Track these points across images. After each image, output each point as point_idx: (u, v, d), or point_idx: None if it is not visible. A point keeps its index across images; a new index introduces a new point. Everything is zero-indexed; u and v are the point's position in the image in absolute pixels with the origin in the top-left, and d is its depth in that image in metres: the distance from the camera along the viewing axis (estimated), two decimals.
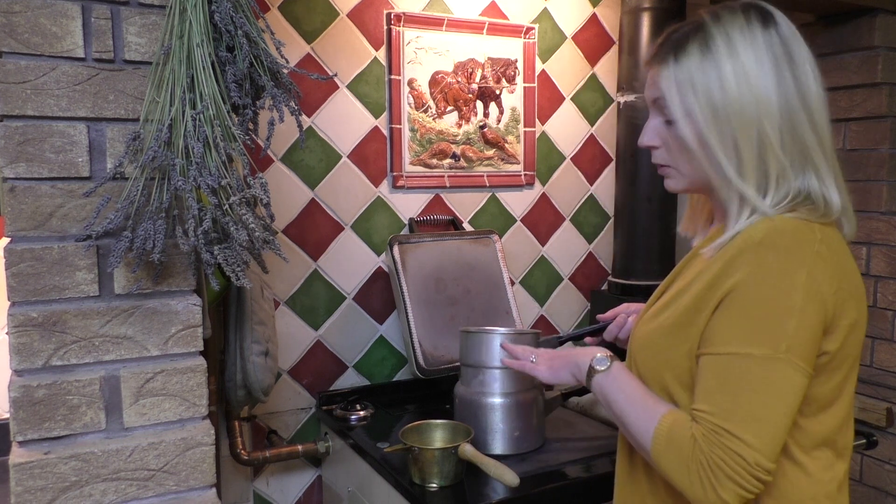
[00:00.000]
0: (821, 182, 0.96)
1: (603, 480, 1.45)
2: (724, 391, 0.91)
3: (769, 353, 0.89)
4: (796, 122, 0.95)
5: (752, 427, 0.88)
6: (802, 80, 0.96)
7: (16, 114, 0.94)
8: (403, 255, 1.89)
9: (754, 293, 0.90)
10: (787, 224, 0.93)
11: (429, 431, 1.52)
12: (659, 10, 2.04)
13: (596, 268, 2.33)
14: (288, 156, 1.83)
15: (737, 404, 0.89)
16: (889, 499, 2.28)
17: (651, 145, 1.06)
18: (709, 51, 0.96)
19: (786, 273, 0.90)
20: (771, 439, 0.89)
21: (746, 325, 0.90)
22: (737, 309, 0.91)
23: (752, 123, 0.94)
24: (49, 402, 0.96)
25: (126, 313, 1.01)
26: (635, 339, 1.09)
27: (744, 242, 0.93)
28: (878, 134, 2.21)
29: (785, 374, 0.89)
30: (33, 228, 0.96)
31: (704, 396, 0.92)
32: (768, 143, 0.94)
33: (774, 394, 0.89)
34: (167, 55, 0.96)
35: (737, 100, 0.94)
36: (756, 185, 0.95)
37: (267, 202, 0.99)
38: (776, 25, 0.97)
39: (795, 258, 0.91)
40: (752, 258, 0.91)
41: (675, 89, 0.98)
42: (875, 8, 2.15)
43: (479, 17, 2.03)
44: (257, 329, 1.55)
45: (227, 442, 1.73)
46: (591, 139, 2.27)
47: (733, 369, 0.90)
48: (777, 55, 0.95)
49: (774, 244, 0.91)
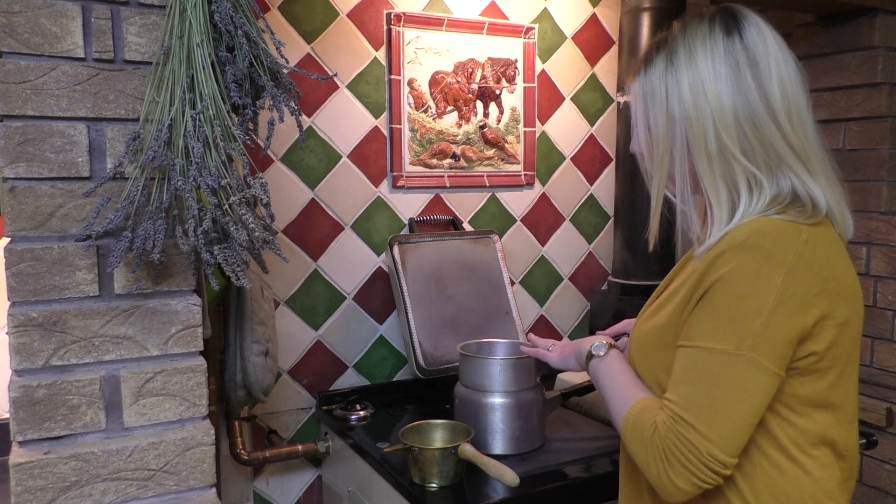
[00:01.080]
0: (801, 182, 0.97)
1: (603, 480, 1.45)
2: (687, 382, 0.94)
3: (731, 350, 0.91)
4: (760, 126, 0.96)
5: (707, 418, 0.91)
6: (766, 84, 0.97)
7: (16, 114, 0.94)
8: (403, 255, 1.89)
9: (729, 291, 0.93)
10: (770, 225, 0.94)
11: (429, 431, 1.52)
12: (659, 10, 2.04)
13: (596, 268, 2.33)
14: (288, 156, 1.83)
15: (696, 395, 0.93)
16: (889, 499, 2.28)
17: (634, 152, 1.11)
18: (671, 63, 1.00)
19: (762, 274, 0.92)
20: (728, 433, 0.91)
21: (715, 321, 0.93)
22: (710, 305, 0.94)
23: (708, 132, 0.97)
24: (49, 402, 0.96)
25: (126, 313, 1.01)
26: (634, 338, 1.12)
27: (728, 243, 0.94)
28: (878, 134, 2.21)
29: (745, 372, 0.91)
30: (33, 228, 0.96)
31: (672, 386, 0.96)
32: (727, 150, 0.97)
33: (733, 389, 0.91)
34: (167, 55, 0.96)
35: (692, 109, 0.98)
36: (727, 190, 0.98)
37: (267, 202, 0.99)
38: (741, 31, 0.99)
39: (775, 259, 0.92)
40: (732, 257, 0.93)
41: (641, 100, 1.04)
42: (875, 8, 2.15)
43: (479, 17, 2.03)
44: (257, 329, 1.55)
45: (227, 442, 1.73)
46: (591, 139, 2.27)
47: (698, 362, 0.94)
48: (739, 61, 0.97)
49: (756, 245, 0.93)
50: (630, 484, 1.13)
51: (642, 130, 1.05)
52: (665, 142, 1.01)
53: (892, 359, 2.25)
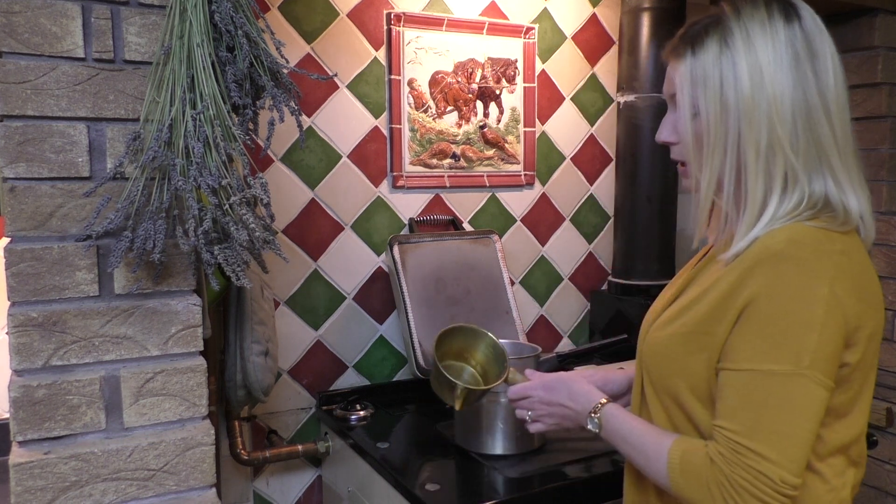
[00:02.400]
0: (837, 186, 0.93)
1: (603, 480, 1.45)
2: (747, 409, 0.88)
3: (791, 370, 0.87)
4: (814, 120, 0.92)
5: (777, 444, 0.86)
6: (823, 78, 0.93)
7: (16, 114, 0.94)
8: (403, 255, 1.89)
9: (774, 307, 0.88)
10: (806, 233, 0.90)
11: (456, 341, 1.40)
12: (659, 10, 2.04)
13: (596, 268, 2.33)
14: (288, 156, 1.83)
15: (760, 422, 0.87)
16: (889, 499, 2.28)
17: (667, 141, 1.04)
18: (727, 46, 0.93)
19: (806, 286, 0.88)
20: (795, 455, 0.87)
21: (767, 341, 0.88)
22: (757, 323, 0.89)
23: (763, 124, 0.92)
24: (49, 402, 0.96)
25: (126, 313, 1.01)
26: (647, 345, 1.06)
27: (762, 252, 0.90)
28: (878, 134, 2.21)
29: (807, 390, 0.87)
30: (33, 228, 0.96)
31: (727, 414, 0.90)
32: (777, 145, 0.91)
33: (798, 410, 0.87)
34: (167, 55, 0.96)
35: (748, 99, 0.92)
36: (764, 188, 0.93)
37: (267, 202, 0.99)
38: (800, 19, 0.94)
39: (816, 271, 0.88)
40: (770, 269, 0.89)
41: (689, 84, 0.96)
42: (875, 8, 2.15)
43: (479, 17, 2.03)
44: (257, 329, 1.55)
45: (227, 442, 1.73)
46: (591, 139, 2.27)
47: (756, 386, 0.88)
48: (798, 51, 0.92)
49: (794, 255, 0.88)
50: (636, 488, 1.10)
51: (687, 117, 0.97)
52: (718, 131, 0.94)
53: (892, 359, 2.25)
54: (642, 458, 0.99)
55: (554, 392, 1.16)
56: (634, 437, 1.01)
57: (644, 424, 1.02)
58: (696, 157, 0.98)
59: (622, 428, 1.04)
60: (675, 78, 0.99)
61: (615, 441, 1.05)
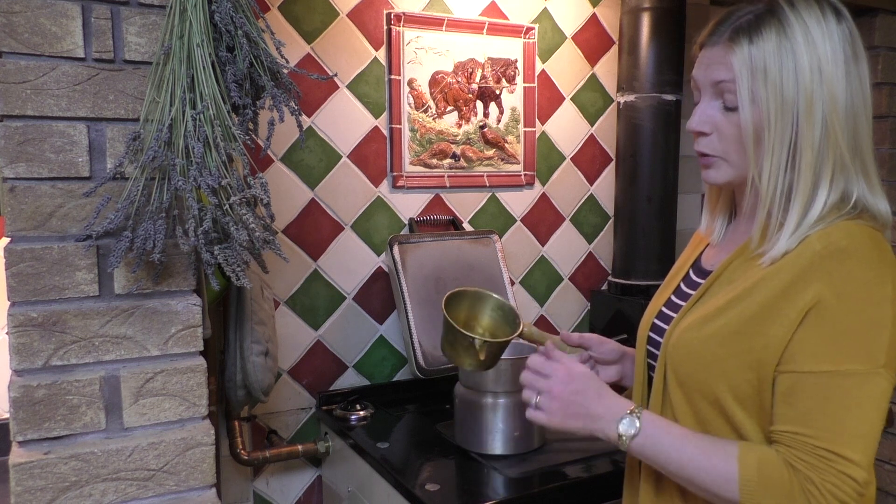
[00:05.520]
0: (871, 188, 0.94)
1: (603, 480, 1.45)
2: (826, 412, 0.86)
3: (868, 369, 0.86)
4: (858, 122, 0.92)
5: (860, 446, 0.85)
6: (864, 81, 0.93)
7: (16, 114, 0.94)
8: (403, 255, 1.89)
9: (845, 306, 0.86)
10: (864, 231, 0.89)
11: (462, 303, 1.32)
12: (659, 10, 2.04)
13: (596, 268, 2.33)
14: (288, 156, 1.83)
15: (842, 425, 0.86)
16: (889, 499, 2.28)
17: (701, 131, 0.98)
18: (786, 38, 0.91)
19: (874, 283, 0.87)
20: (872, 454, 0.87)
21: (841, 341, 0.86)
22: (828, 323, 0.87)
23: (819, 121, 0.90)
24: (49, 402, 0.96)
25: (126, 313, 1.01)
26: (676, 347, 0.99)
27: (824, 249, 0.88)
28: (878, 134, 2.21)
29: (883, 388, 0.87)
30: (33, 228, 0.96)
31: (802, 419, 0.87)
32: (832, 143, 0.90)
33: (875, 409, 0.87)
34: (167, 55, 0.96)
35: (809, 94, 0.90)
36: (813, 185, 0.92)
37: (267, 202, 0.99)
38: (847, 20, 0.94)
39: (880, 268, 0.87)
40: (838, 267, 0.87)
41: (748, 73, 0.92)
42: (875, 8, 2.15)
43: (479, 17, 2.03)
44: (257, 329, 1.55)
45: (227, 442, 1.73)
46: (591, 139, 2.27)
47: (833, 388, 0.86)
48: (847, 51, 0.92)
49: (858, 253, 0.87)
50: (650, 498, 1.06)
51: (746, 108, 0.93)
52: (777, 125, 0.91)
53: None
54: (697, 469, 0.91)
55: (578, 383, 1.01)
56: (683, 444, 0.93)
57: (691, 432, 0.95)
58: (753, 149, 0.93)
59: (669, 431, 0.95)
60: (732, 64, 0.93)
61: (656, 449, 0.94)
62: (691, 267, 1.12)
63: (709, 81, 0.97)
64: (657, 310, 1.12)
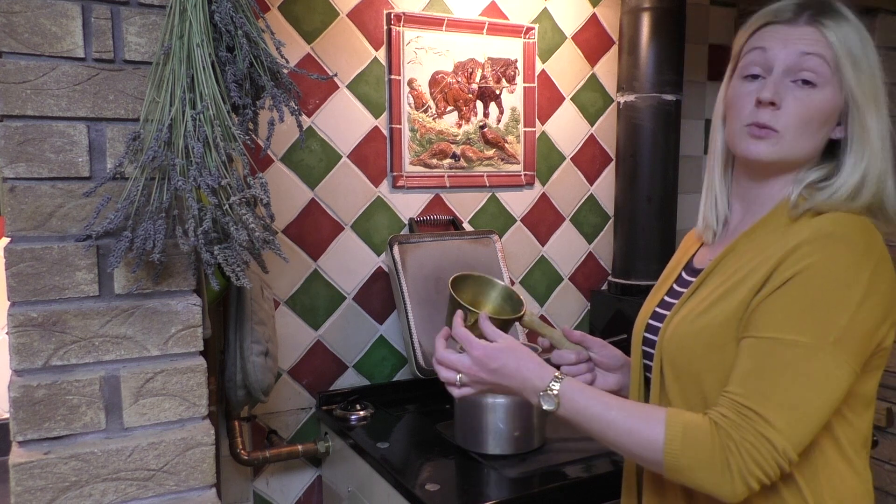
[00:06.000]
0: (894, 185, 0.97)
1: (603, 480, 1.45)
2: (761, 376, 0.87)
3: (814, 343, 0.86)
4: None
5: (785, 414, 0.85)
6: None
7: (16, 114, 0.94)
8: (403, 255, 1.89)
9: (816, 282, 0.87)
10: (855, 220, 0.92)
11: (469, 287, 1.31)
12: (659, 10, 2.04)
13: (596, 268, 2.33)
14: (288, 156, 1.83)
15: (773, 390, 0.86)
16: (889, 499, 2.28)
17: (773, 101, 0.96)
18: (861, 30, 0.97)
19: (852, 266, 0.88)
20: (801, 430, 0.86)
21: (797, 312, 0.87)
22: (790, 295, 0.88)
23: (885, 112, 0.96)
24: (49, 402, 0.96)
25: (126, 313, 1.01)
26: (671, 341, 1.00)
27: (811, 235, 0.90)
28: None
29: (826, 367, 0.86)
30: (33, 228, 0.96)
31: (740, 379, 0.88)
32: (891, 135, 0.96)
33: (813, 385, 0.86)
34: (167, 55, 0.96)
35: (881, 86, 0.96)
36: (861, 176, 0.95)
37: (267, 202, 0.99)
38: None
39: (864, 255, 0.89)
40: (820, 248, 0.89)
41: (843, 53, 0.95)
42: (875, 8, 2.15)
43: (479, 17, 2.03)
44: (257, 329, 1.55)
45: (227, 442, 1.73)
46: (591, 139, 2.27)
47: (775, 354, 0.87)
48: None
49: (845, 238, 0.89)
50: (652, 497, 1.06)
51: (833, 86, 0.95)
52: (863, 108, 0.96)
53: (892, 359, 2.24)
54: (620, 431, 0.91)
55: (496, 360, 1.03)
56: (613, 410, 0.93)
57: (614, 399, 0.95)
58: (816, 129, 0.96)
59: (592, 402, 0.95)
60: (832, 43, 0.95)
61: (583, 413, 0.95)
62: (683, 268, 1.13)
63: (796, 54, 0.96)
64: (651, 310, 1.12)
